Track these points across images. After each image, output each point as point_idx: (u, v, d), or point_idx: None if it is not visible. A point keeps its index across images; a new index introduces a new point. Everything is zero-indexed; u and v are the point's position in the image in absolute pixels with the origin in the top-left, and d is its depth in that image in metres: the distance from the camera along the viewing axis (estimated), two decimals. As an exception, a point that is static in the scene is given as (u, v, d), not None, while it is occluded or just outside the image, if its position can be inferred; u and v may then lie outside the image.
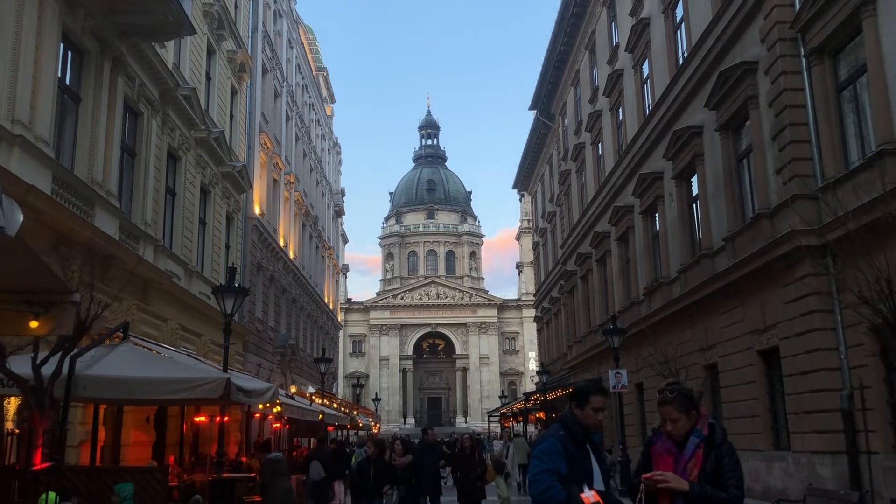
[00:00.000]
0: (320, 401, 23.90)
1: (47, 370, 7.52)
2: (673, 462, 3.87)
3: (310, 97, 42.07)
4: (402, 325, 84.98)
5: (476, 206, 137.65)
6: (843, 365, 11.96)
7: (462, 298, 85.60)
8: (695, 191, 18.02)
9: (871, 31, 11.21)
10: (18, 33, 10.60)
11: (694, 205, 18.19)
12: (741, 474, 3.81)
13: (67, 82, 12.71)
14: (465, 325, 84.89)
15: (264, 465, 12.54)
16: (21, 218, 3.35)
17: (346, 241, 64.68)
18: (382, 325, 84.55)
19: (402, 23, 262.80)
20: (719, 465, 3.80)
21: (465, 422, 79.86)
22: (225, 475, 12.14)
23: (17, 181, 9.71)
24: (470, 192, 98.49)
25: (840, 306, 11.85)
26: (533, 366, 63.52)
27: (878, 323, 9.33)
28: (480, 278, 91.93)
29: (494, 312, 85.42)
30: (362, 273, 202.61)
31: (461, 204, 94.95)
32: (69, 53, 12.76)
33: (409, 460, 10.87)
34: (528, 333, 74.75)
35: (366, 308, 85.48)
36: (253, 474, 13.66)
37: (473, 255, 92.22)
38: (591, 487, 3.83)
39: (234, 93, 23.80)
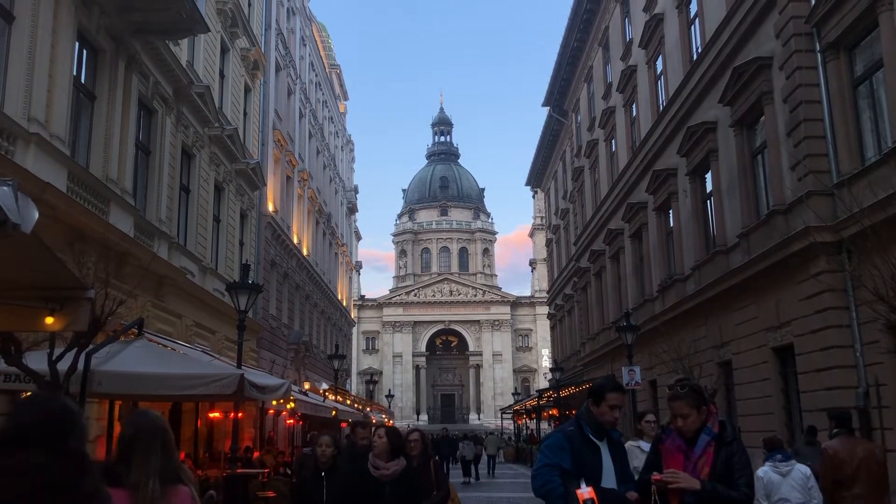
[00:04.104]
0: (334, 397, 23.99)
1: (63, 366, 7.58)
2: (683, 459, 3.86)
3: (323, 94, 42.15)
4: (416, 322, 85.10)
5: (492, 202, 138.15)
6: (858, 362, 11.87)
7: (475, 295, 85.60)
8: (709, 187, 17.93)
9: (888, 26, 11.10)
10: (34, 32, 10.69)
11: (708, 201, 18.10)
12: (752, 473, 3.81)
13: (83, 80, 12.80)
14: (478, 322, 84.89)
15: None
16: (37, 215, 3.38)
17: (359, 238, 64.84)
18: (396, 321, 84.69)
19: (415, 20, 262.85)
20: (730, 464, 3.78)
21: (479, 419, 79.98)
22: (239, 471, 12.21)
23: (33, 178, 9.80)
24: (483, 189, 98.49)
25: (855, 303, 11.76)
26: (546, 363, 63.46)
27: (893, 320, 9.25)
28: (494, 275, 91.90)
29: (507, 309, 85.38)
30: (379, 269, 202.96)
31: (474, 201, 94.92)
32: (84, 52, 12.86)
33: (403, 467, 5.52)
34: (542, 330, 74.65)
35: (379, 305, 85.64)
36: (266, 470, 13.75)
37: (486, 252, 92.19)
38: (588, 483, 3.80)
39: (247, 90, 23.89)
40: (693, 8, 18.84)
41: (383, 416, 40.14)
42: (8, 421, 2.23)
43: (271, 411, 18.07)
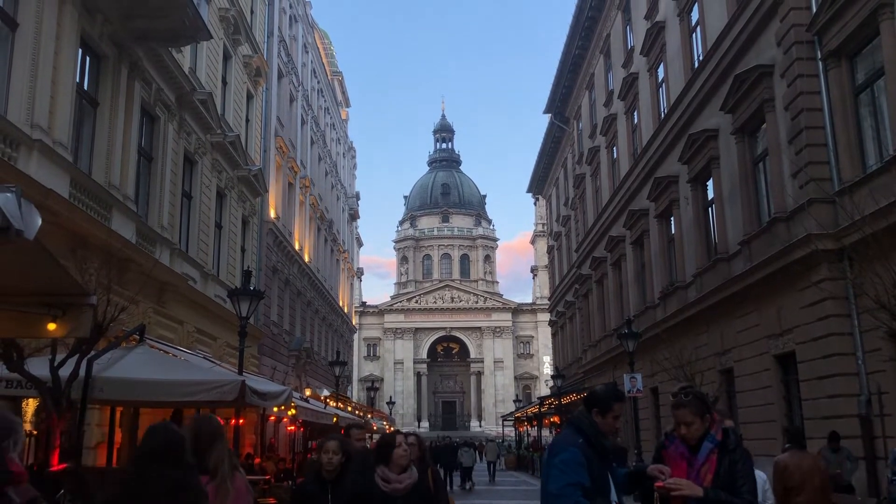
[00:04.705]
0: (335, 404, 23.95)
1: (65, 372, 7.60)
2: (686, 467, 3.86)
3: (325, 101, 42.23)
4: (417, 329, 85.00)
5: (493, 209, 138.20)
6: (860, 370, 11.85)
7: (476, 302, 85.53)
8: (710, 194, 17.94)
9: (889, 34, 11.13)
10: (38, 39, 10.73)
11: (709, 208, 18.11)
12: (755, 480, 3.80)
13: (85, 87, 12.84)
14: (479, 328, 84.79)
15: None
16: (39, 221, 3.38)
17: (360, 244, 64.85)
18: (397, 328, 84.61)
19: (417, 27, 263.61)
20: (733, 471, 3.77)
21: (480, 426, 79.83)
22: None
23: (35, 185, 9.82)
24: (485, 196, 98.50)
25: (857, 311, 11.75)
26: (548, 370, 63.39)
27: (895, 328, 9.25)
28: (495, 282, 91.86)
29: (509, 316, 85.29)
30: (381, 276, 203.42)
31: (476, 207, 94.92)
32: (87, 58, 12.90)
33: (416, 480, 4.77)
34: (543, 337, 74.54)
35: (380, 311, 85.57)
36: (267, 476, 13.72)
37: (488, 259, 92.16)
38: (615, 501, 3.76)
39: (249, 97, 23.94)
40: (694, 16, 18.89)
41: (384, 423, 40.06)
42: (144, 443, 3.29)
43: (272, 418, 18.03)
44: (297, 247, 31.53)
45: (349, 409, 27.40)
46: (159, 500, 3.07)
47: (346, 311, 49.41)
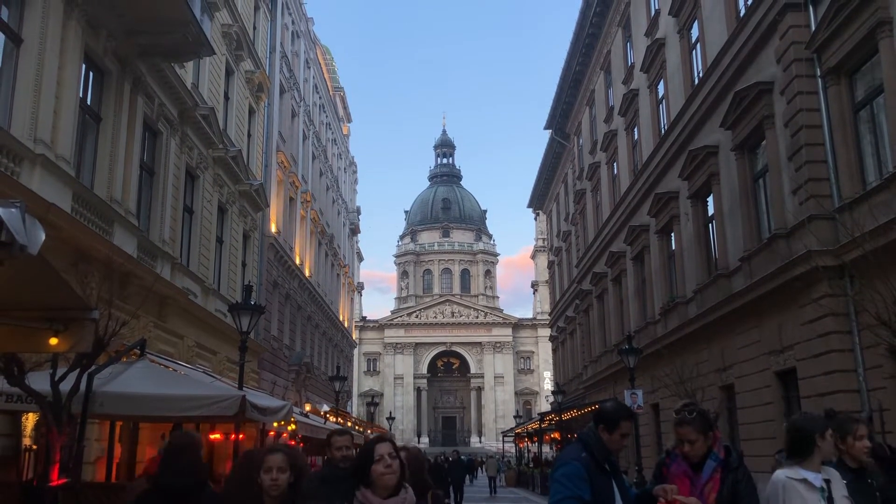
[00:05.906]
0: (334, 419, 23.86)
1: (65, 386, 7.58)
2: (689, 485, 3.84)
3: (326, 116, 42.37)
4: (417, 344, 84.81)
5: (494, 224, 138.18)
6: (861, 387, 11.83)
7: (477, 317, 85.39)
8: (710, 211, 17.97)
9: (888, 51, 11.19)
10: (42, 54, 10.78)
11: (710, 225, 18.13)
12: (758, 499, 3.79)
13: (88, 102, 12.89)
14: (479, 343, 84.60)
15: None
16: (43, 236, 3.38)
17: (361, 259, 64.87)
18: (397, 343, 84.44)
19: (419, 43, 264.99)
20: (735, 490, 3.77)
21: (480, 441, 79.47)
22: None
23: (38, 199, 9.84)
24: (485, 211, 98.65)
25: (858, 328, 11.74)
26: (548, 385, 63.18)
27: (896, 345, 9.25)
28: (495, 297, 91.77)
29: (509, 331, 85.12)
30: (381, 291, 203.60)
31: (476, 222, 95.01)
32: (90, 73, 12.96)
33: None
34: (544, 353, 74.41)
35: (380, 326, 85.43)
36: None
37: (488, 274, 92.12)
38: None
39: (251, 112, 24.03)
40: (694, 33, 19.00)
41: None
42: (248, 457, 4.42)
43: (272, 433, 17.93)
44: (297, 261, 31.55)
45: (349, 424, 27.31)
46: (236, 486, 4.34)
47: (346, 325, 49.35)
